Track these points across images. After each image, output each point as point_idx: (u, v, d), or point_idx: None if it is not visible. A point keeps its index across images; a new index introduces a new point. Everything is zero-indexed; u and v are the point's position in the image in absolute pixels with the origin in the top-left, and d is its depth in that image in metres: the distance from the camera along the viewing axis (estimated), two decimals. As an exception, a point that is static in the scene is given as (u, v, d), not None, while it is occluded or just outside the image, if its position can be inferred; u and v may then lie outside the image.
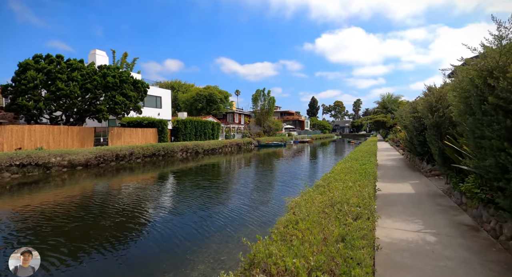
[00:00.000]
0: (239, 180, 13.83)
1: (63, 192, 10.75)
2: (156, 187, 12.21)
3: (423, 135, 8.39)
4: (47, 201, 9.19)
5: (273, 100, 52.98)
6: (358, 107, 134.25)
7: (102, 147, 17.17)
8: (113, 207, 8.55)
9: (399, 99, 45.02)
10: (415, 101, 9.31)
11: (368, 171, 5.71)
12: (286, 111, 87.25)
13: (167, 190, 11.84)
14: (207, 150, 27.76)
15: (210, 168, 18.76)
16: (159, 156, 21.69)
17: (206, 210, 8.19)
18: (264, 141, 41.15)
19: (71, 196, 10.03)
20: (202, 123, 30.74)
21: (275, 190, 11.40)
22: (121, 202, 9.28)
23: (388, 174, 9.03)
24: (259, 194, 10.54)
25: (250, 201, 9.19)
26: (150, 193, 10.81)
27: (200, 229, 6.53)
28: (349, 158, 8.37)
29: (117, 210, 8.24)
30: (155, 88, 34.66)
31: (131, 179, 14.16)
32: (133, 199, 9.68)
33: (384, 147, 23.50)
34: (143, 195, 10.50)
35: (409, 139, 11.57)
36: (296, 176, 14.38)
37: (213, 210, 8.22)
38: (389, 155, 15.84)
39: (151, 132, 24.03)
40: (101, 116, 18.18)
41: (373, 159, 8.48)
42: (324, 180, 4.91)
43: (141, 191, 11.16)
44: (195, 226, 6.80)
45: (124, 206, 8.66)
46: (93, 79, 18.12)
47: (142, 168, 17.92)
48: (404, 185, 7.18)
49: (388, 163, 12.35)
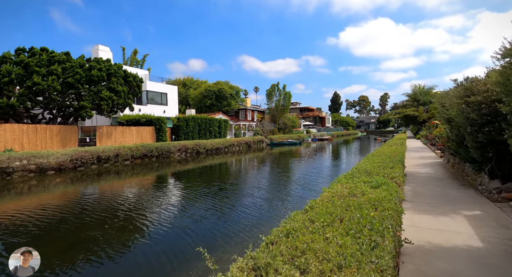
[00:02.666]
0: (228, 191, 11.12)
1: (10, 204, 8.74)
2: (130, 197, 9.89)
3: (486, 132, 5.09)
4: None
5: (289, 95, 49.59)
6: (385, 101, 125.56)
7: (81, 148, 15.33)
8: (58, 228, 6.25)
9: (432, 90, 39.85)
10: (474, 79, 5.92)
11: (381, 218, 2.65)
12: (306, 107, 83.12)
13: (144, 202, 9.44)
14: (210, 150, 25.41)
15: (207, 171, 16.26)
16: (152, 157, 19.63)
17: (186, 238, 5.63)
18: (277, 139, 38.09)
19: (15, 211, 7.95)
20: (207, 121, 28.43)
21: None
22: (74, 218, 7.00)
23: (423, 192, 5.81)
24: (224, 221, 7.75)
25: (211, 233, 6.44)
26: (116, 207, 8.46)
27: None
28: (356, 171, 5.28)
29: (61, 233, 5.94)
30: (161, 84, 33.01)
31: (108, 185, 12.03)
32: (92, 213, 7.36)
33: (416, 146, 19.50)
34: (108, 208, 8.16)
35: (455, 138, 8.08)
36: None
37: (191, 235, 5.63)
38: (423, 158, 12.23)
39: (148, 130, 22.11)
40: (84, 113, 16.37)
41: (398, 172, 5.29)
42: (264, 251, 2.05)
43: (111, 202, 8.85)
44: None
45: (72, 225, 6.33)
46: (75, 73, 16.35)
47: (130, 171, 15.88)
48: (456, 223, 4.01)
49: (421, 170, 8.94)
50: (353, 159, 21.79)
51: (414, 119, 36.00)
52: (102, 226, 6.81)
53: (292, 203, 8.64)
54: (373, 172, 5.12)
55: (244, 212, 7.77)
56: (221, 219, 7.17)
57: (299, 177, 13.75)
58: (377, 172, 5.13)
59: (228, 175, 14.98)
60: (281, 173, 15.48)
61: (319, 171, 15.47)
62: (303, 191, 10.46)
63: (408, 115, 36.15)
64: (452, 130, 8.52)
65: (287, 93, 49.31)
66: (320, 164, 18.87)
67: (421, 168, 9.57)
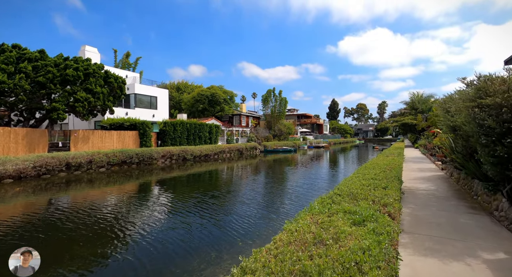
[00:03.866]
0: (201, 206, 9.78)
1: None
2: (97, 208, 8.50)
3: (507, 144, 3.86)
4: None
5: (285, 101, 48.53)
6: (383, 109, 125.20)
7: (47, 154, 13.96)
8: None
9: (431, 98, 39.01)
10: (489, 77, 4.71)
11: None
12: (303, 114, 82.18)
13: (112, 215, 8.05)
14: (198, 157, 24.05)
15: (189, 180, 14.90)
16: (132, 164, 18.24)
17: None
18: (271, 146, 36.81)
19: None
20: (197, 126, 27.15)
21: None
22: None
23: (425, 218, 4.54)
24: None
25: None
26: (80, 220, 7.07)
27: None
28: (338, 193, 3.99)
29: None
30: (150, 87, 31.87)
31: (77, 195, 10.64)
32: (51, 229, 5.98)
33: (414, 155, 18.31)
34: (72, 222, 6.77)
35: (462, 150, 6.85)
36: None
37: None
38: (422, 170, 10.98)
39: (131, 135, 20.79)
40: (55, 115, 15.07)
41: (393, 194, 4.00)
42: None
43: (75, 215, 7.46)
44: None
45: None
46: (47, 71, 15.13)
47: (105, 179, 14.51)
48: (475, 274, 2.75)
49: (421, 186, 7.68)
50: (350, 168, 20.50)
51: (413, 127, 34.97)
52: (62, 243, 5.54)
53: (276, 222, 7.34)
54: (360, 195, 3.85)
55: (214, 235, 6.48)
56: (182, 245, 5.84)
57: (289, 190, 12.42)
58: (365, 195, 3.86)
59: (210, 186, 13.63)
60: (271, 185, 14.16)
61: (311, 183, 14.11)
62: (290, 206, 9.16)
63: (406, 123, 35.14)
64: (457, 140, 7.31)
65: (283, 99, 48.28)
66: (314, 174, 17.53)
67: (420, 182, 8.31)
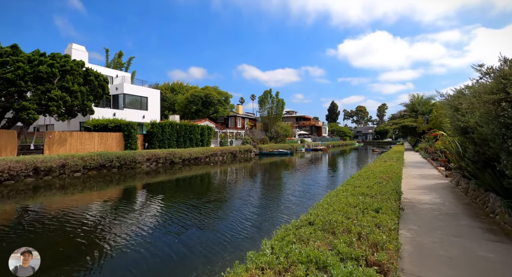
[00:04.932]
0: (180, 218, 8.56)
1: None
2: (66, 218, 7.27)
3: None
4: None
5: (282, 103, 47.45)
6: (383, 112, 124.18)
7: (11, 158, 12.74)
8: None
9: (431, 100, 37.91)
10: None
11: None
12: (302, 116, 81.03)
13: (81, 226, 6.81)
14: (188, 160, 22.84)
15: (173, 186, 13.70)
16: (113, 168, 17.03)
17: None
18: (267, 149, 35.60)
19: None
20: (187, 128, 25.95)
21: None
22: None
23: (432, 248, 3.33)
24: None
25: None
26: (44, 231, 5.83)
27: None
28: (311, 221, 2.79)
29: None
30: (141, 87, 30.71)
31: (45, 202, 9.40)
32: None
33: (414, 160, 17.10)
34: (36, 234, 5.52)
35: (474, 156, 5.66)
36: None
37: None
38: (424, 177, 9.77)
39: (114, 137, 19.60)
40: (25, 115, 13.90)
41: (388, 224, 2.81)
42: None
43: (40, 225, 6.22)
44: None
45: None
46: (17, 67, 13.99)
47: (80, 185, 13.31)
48: None
49: (424, 197, 6.47)
50: (345, 173, 19.27)
51: (413, 130, 33.81)
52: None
53: (256, 241, 6.13)
54: (341, 225, 2.65)
55: (191, 251, 5.32)
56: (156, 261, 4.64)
57: (280, 199, 11.21)
58: (348, 224, 2.66)
59: (194, 193, 12.41)
60: (260, 192, 12.94)
61: (304, 190, 12.88)
62: (276, 220, 7.95)
63: (406, 125, 33.99)
64: (467, 144, 6.13)
65: (280, 100, 47.21)
66: (309, 180, 16.32)
67: (423, 193, 7.11)
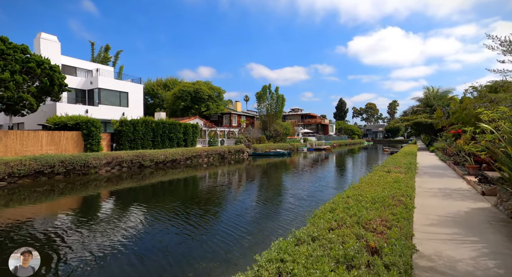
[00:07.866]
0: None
1: None
2: None
3: None
4: None
5: (282, 99, 43.91)
6: (394, 109, 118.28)
7: None
8: None
9: (448, 94, 33.58)
10: None
11: None
12: (307, 114, 77.17)
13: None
14: (162, 163, 19.84)
15: (127, 196, 10.66)
16: (58, 175, 14.14)
17: None
18: (262, 149, 32.27)
19: None
20: (166, 126, 22.94)
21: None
22: None
23: None
24: None
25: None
26: None
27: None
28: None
29: None
30: (120, 81, 27.96)
31: None
32: None
33: (430, 163, 13.33)
34: None
35: None
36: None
37: None
38: (448, 195, 6.15)
39: (70, 137, 16.76)
40: None
41: None
42: None
43: None
44: None
45: None
46: None
47: (2, 198, 10.50)
48: None
49: (458, 254, 2.93)
50: (348, 177, 15.69)
51: (427, 127, 29.73)
52: None
53: None
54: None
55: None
56: None
57: (268, 215, 7.93)
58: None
59: (148, 207, 9.27)
60: (248, 207, 9.64)
61: (297, 205, 9.43)
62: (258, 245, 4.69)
63: (419, 122, 29.90)
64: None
65: (280, 96, 43.70)
66: (304, 189, 12.91)
67: (453, 235, 3.56)
